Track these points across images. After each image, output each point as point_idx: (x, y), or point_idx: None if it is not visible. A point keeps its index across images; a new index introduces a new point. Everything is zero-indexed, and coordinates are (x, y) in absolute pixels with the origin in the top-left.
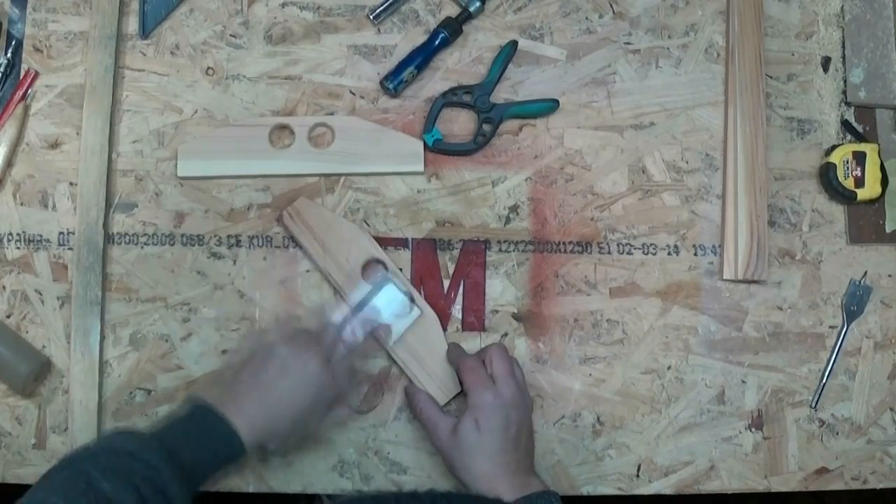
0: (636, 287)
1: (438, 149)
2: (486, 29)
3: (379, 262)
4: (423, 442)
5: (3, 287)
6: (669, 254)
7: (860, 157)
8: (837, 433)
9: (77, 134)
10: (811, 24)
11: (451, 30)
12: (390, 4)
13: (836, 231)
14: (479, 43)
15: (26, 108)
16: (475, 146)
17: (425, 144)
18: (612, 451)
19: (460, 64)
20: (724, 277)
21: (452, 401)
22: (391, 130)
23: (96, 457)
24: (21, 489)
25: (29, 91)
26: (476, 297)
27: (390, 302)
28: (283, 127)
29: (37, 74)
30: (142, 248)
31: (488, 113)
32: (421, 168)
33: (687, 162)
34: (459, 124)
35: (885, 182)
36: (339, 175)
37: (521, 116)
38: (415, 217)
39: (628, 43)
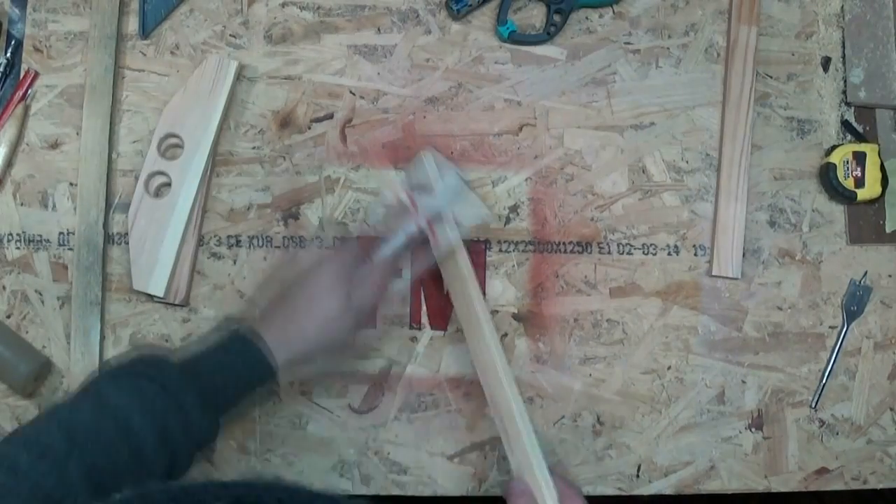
0: (636, 287)
1: (514, 40)
2: (487, 29)
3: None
4: (423, 442)
5: (3, 287)
6: (669, 254)
7: (860, 157)
8: (837, 433)
9: (77, 134)
10: (811, 24)
11: None
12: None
13: (836, 231)
14: (480, 43)
15: (26, 108)
16: (547, 36)
17: (500, 36)
18: (612, 451)
19: (460, 63)
20: (713, 273)
21: None
22: None
23: (113, 376)
24: None
25: (29, 91)
26: None
27: (455, 195)
28: None
29: (37, 74)
30: None
31: (559, 4)
32: None
33: (687, 162)
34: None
35: (885, 182)
36: None
37: (591, 6)
38: None
39: (628, 43)
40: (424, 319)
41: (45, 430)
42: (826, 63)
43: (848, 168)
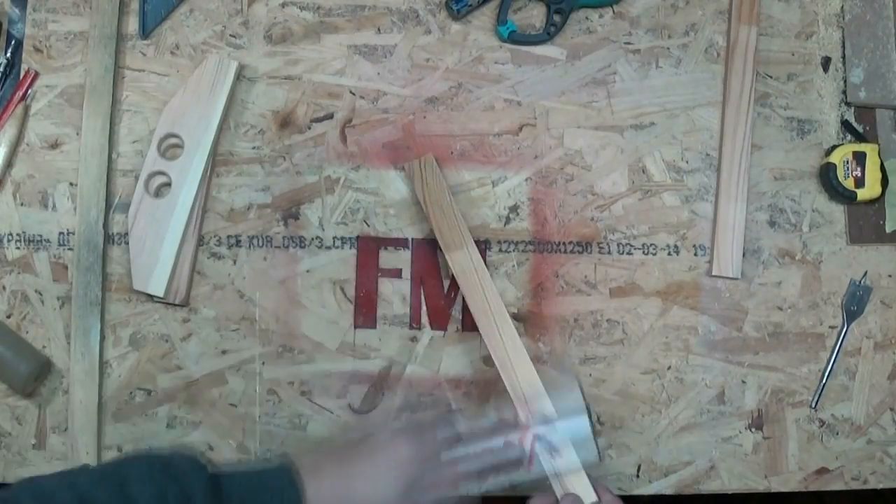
0: (636, 287)
1: (514, 40)
2: (487, 29)
3: None
4: None
5: (3, 287)
6: (669, 254)
7: (860, 157)
8: (837, 433)
9: (77, 134)
10: (811, 24)
11: None
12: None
13: (836, 231)
14: (480, 43)
15: (26, 108)
16: (547, 36)
17: (500, 36)
18: (612, 451)
19: (460, 63)
20: (713, 274)
21: None
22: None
23: (146, 468)
24: None
25: (29, 91)
26: None
27: (571, 434)
28: None
29: (37, 74)
30: None
31: (559, 4)
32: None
33: (687, 162)
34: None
35: (885, 182)
36: None
37: (591, 6)
38: (415, 217)
39: (628, 43)
40: (424, 319)
41: (60, 491)
42: (826, 63)
43: (848, 168)
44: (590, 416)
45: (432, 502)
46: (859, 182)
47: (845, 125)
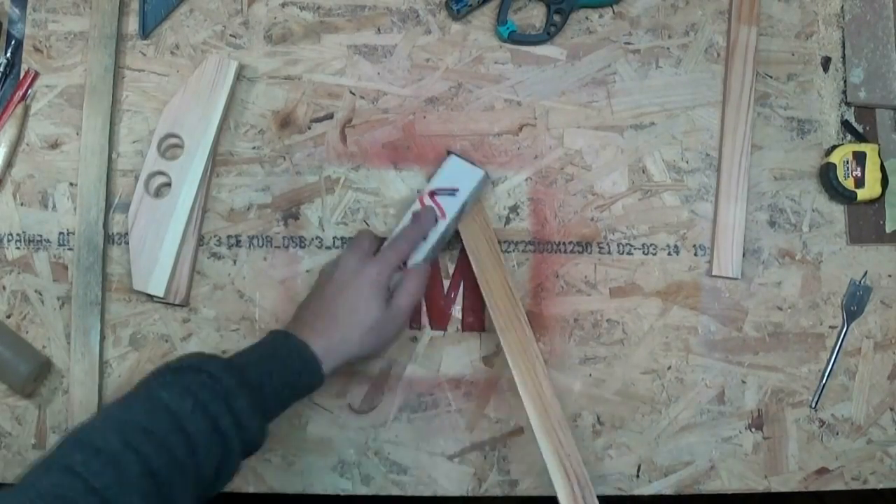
0: (636, 287)
1: (514, 40)
2: (487, 29)
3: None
4: (423, 442)
5: (3, 287)
6: (669, 254)
7: (860, 157)
8: (837, 433)
9: (77, 134)
10: (811, 24)
11: None
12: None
13: (836, 231)
14: (480, 43)
15: (26, 108)
16: (547, 36)
17: (500, 37)
18: (612, 451)
19: (460, 63)
20: (713, 273)
21: None
22: None
23: (161, 374)
24: None
25: (29, 91)
26: (476, 297)
27: (458, 173)
28: None
29: (37, 74)
30: None
31: (559, 4)
32: None
33: (687, 162)
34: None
35: (885, 182)
36: None
37: (591, 6)
38: None
39: (628, 43)
40: (424, 319)
41: (98, 429)
42: (826, 63)
43: (848, 168)
44: (456, 155)
45: (409, 307)
46: (859, 182)
47: (845, 125)
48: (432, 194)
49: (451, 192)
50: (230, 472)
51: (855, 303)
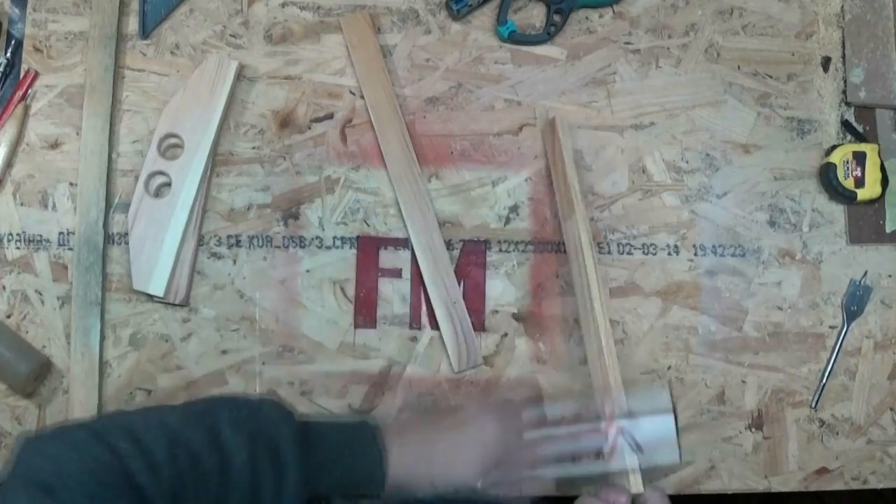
0: (636, 287)
1: (514, 40)
2: (487, 29)
3: None
4: None
5: (3, 287)
6: (669, 254)
7: (860, 157)
8: (837, 433)
9: (77, 134)
10: (811, 24)
11: None
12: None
13: (836, 231)
14: (480, 43)
15: (26, 108)
16: (547, 36)
17: (500, 37)
18: None
19: (460, 63)
20: (456, 371)
21: None
22: None
23: (237, 406)
24: None
25: (29, 91)
26: (476, 297)
27: (656, 433)
28: None
29: (37, 74)
30: None
31: (559, 4)
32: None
33: (687, 162)
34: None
35: (885, 182)
36: None
37: (591, 6)
38: None
39: (628, 43)
40: (424, 319)
41: (151, 429)
42: (826, 63)
43: (848, 168)
44: (675, 419)
45: (505, 479)
46: (859, 182)
47: (845, 125)
48: (621, 431)
49: (637, 446)
50: None
51: (855, 303)
